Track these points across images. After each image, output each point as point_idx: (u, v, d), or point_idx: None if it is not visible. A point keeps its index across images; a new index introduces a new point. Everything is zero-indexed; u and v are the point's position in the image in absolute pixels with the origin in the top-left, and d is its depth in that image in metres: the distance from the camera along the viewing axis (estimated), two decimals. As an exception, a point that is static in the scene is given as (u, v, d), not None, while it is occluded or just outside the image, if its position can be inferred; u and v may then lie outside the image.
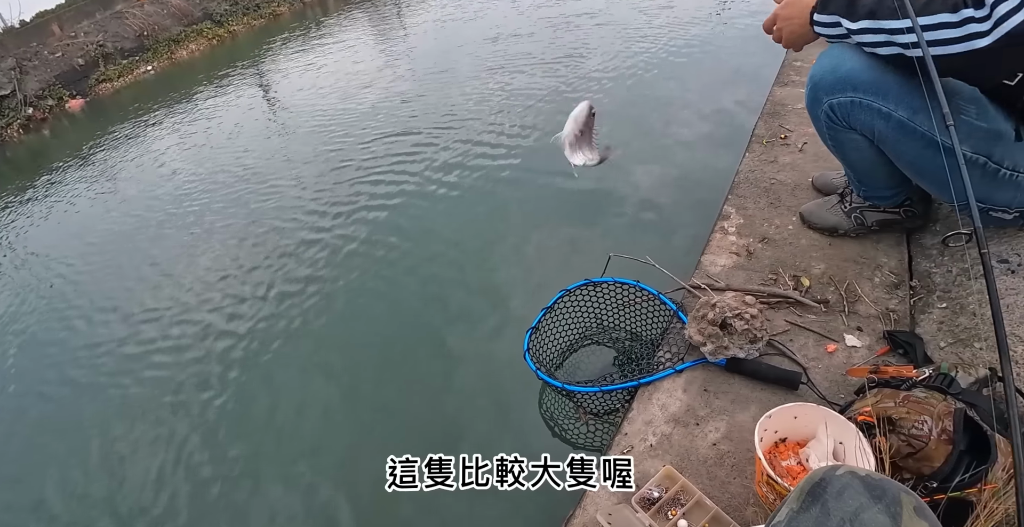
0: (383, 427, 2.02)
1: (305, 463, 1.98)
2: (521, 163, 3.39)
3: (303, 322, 2.55)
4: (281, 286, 2.82)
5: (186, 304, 2.93)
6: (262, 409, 2.21)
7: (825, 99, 1.59)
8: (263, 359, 2.42)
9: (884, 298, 1.72)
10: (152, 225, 3.85)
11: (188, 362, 2.55)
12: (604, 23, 5.69)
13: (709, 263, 1.93)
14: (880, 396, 1.26)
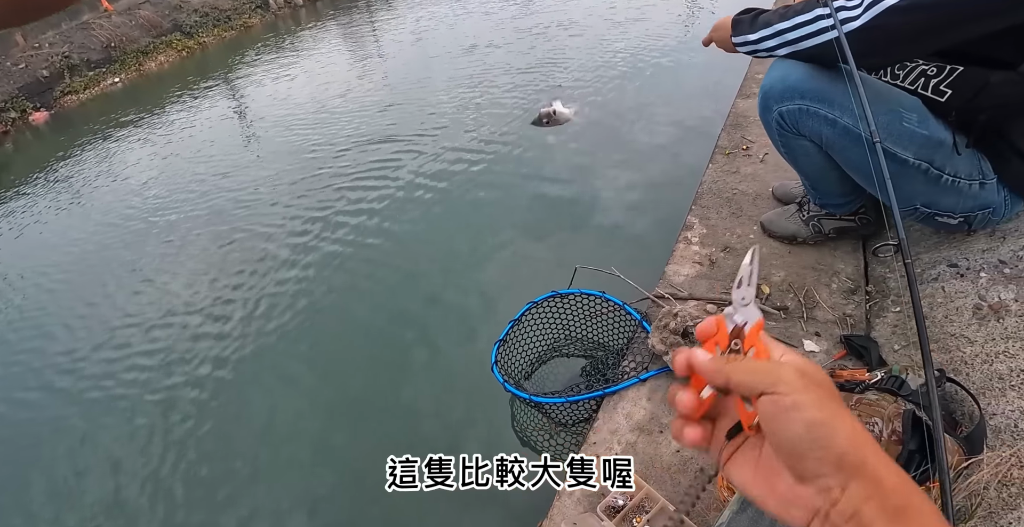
0: (349, 441, 2.01)
1: (275, 474, 1.95)
2: (488, 177, 3.41)
3: (274, 336, 2.53)
4: (255, 298, 2.79)
5: (165, 311, 2.89)
6: (233, 417, 2.18)
7: (775, 107, 1.65)
8: (236, 370, 2.39)
9: (841, 303, 1.76)
10: (124, 237, 3.77)
11: (163, 373, 2.50)
12: (578, 34, 5.79)
13: (673, 273, 1.96)
14: (835, 400, 1.29)
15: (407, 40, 7.23)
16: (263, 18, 10.31)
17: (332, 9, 10.07)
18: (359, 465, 1.90)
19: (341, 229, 3.18)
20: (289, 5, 10.71)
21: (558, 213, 2.93)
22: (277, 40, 8.63)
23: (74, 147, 5.93)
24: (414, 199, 3.33)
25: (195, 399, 2.31)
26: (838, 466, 0.34)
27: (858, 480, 0.34)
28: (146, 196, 4.29)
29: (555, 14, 6.71)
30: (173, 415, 2.27)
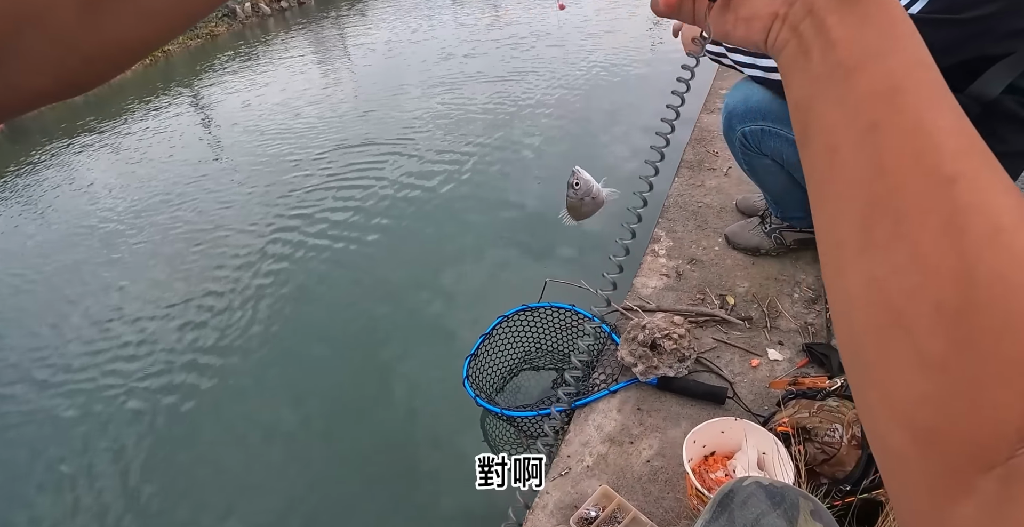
0: (320, 455, 1.98)
1: (244, 487, 1.92)
2: (457, 190, 3.43)
3: (238, 351, 2.49)
4: (222, 310, 2.75)
5: (131, 321, 2.82)
6: (200, 438, 2.14)
7: (738, 127, 1.71)
8: (206, 382, 2.35)
9: (803, 313, 1.82)
10: (81, 251, 3.68)
11: (131, 381, 2.44)
12: (555, 44, 5.88)
13: (641, 285, 2.00)
14: (798, 407, 1.33)
15: (377, 51, 7.26)
16: (230, 26, 10.22)
17: (302, 18, 10.07)
18: (327, 483, 1.88)
19: (306, 242, 3.16)
20: (257, 14, 10.66)
21: (527, 226, 2.96)
22: (245, 49, 8.56)
23: (31, 157, 5.74)
24: (383, 212, 3.33)
25: (162, 408, 2.26)
26: None
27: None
28: (108, 206, 4.18)
29: (526, 26, 6.83)
30: (141, 423, 2.22)
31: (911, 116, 0.28)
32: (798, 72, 0.33)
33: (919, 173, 0.27)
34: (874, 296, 0.27)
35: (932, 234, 0.26)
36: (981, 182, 0.26)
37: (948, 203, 0.25)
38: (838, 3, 0.31)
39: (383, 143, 4.32)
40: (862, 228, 0.28)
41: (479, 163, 3.73)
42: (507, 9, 7.77)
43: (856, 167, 0.29)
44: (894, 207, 0.27)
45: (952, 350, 0.24)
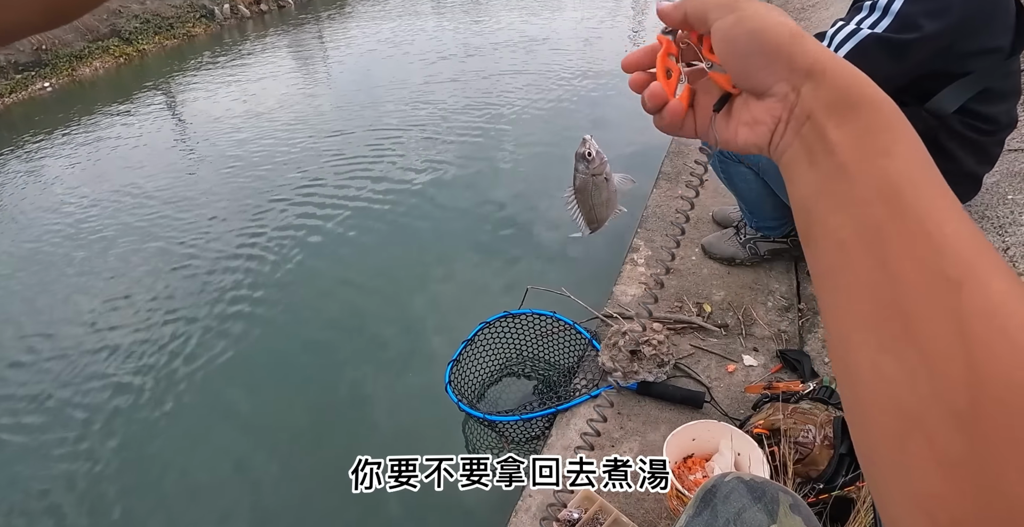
0: (303, 463, 1.97)
1: (224, 499, 1.89)
2: (439, 198, 3.44)
3: (218, 356, 2.45)
4: (196, 318, 2.71)
5: (88, 338, 2.75)
6: (170, 448, 2.10)
7: None
8: (170, 397, 2.30)
9: (776, 320, 1.87)
10: (49, 252, 3.58)
11: (93, 395, 2.38)
12: (529, 53, 5.95)
13: (620, 293, 2.04)
14: (773, 410, 1.38)
15: (357, 57, 7.24)
16: (208, 28, 10.08)
17: (281, 23, 10.00)
18: (309, 486, 1.87)
19: (287, 247, 3.13)
20: (236, 16, 10.56)
21: (509, 235, 2.99)
22: (222, 51, 8.46)
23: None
24: (364, 218, 3.31)
25: (128, 422, 2.21)
26: (789, 68, 0.34)
27: (810, 81, 0.34)
28: (73, 209, 4.07)
29: (506, 32, 6.91)
30: (104, 438, 2.16)
31: (912, 219, 0.28)
32: (801, 173, 0.34)
33: (925, 278, 0.27)
34: (886, 397, 0.28)
35: (942, 340, 0.26)
36: (986, 285, 0.26)
37: (955, 308, 0.26)
38: (835, 108, 0.32)
39: (361, 147, 4.31)
40: (871, 327, 0.29)
41: (459, 169, 3.75)
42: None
43: (863, 268, 0.29)
44: (902, 311, 0.27)
45: (970, 452, 0.25)
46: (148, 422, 2.20)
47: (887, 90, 0.32)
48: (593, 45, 6.26)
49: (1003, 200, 2.01)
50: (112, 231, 3.66)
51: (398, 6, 10.08)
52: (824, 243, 0.32)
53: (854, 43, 1.32)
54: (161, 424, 2.18)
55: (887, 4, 1.28)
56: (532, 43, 6.62)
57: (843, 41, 1.34)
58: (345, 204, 3.52)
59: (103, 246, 3.49)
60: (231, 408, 2.23)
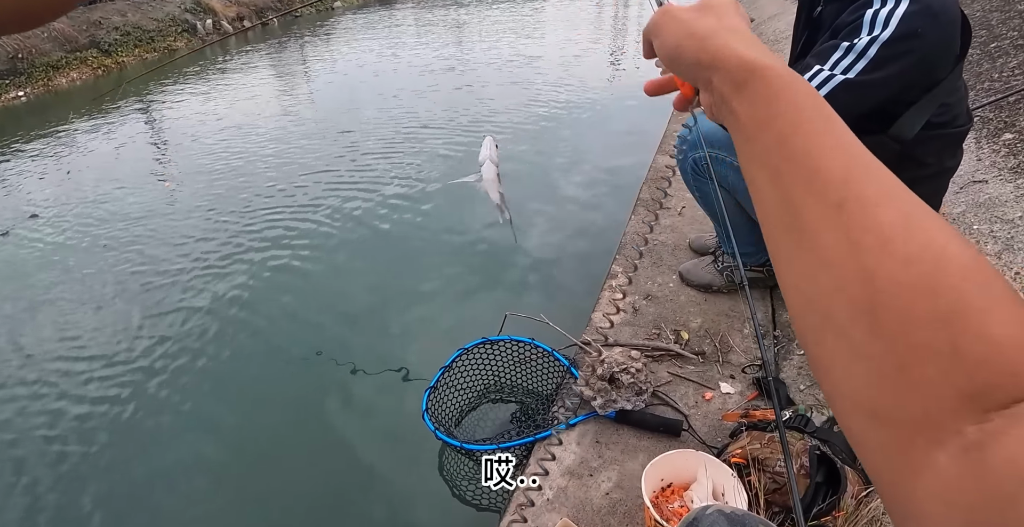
0: (273, 490, 1.91)
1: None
2: (417, 220, 3.44)
3: (184, 380, 2.39)
4: (164, 337, 2.64)
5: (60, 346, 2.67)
6: (141, 468, 2.02)
7: (689, 154, 1.83)
8: (140, 419, 2.24)
9: (753, 347, 1.89)
10: (12, 264, 3.48)
11: (56, 411, 2.30)
12: (507, 81, 6.03)
13: (599, 320, 2.05)
14: (750, 438, 1.38)
15: (339, 77, 7.28)
16: (189, 42, 10.09)
17: (263, 40, 10.04)
18: (278, 516, 1.81)
19: (259, 270, 3.09)
20: (218, 31, 10.57)
21: (488, 261, 2.99)
22: (203, 66, 8.44)
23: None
24: (340, 243, 3.29)
25: (91, 439, 2.14)
26: (701, 68, 0.44)
27: (715, 72, 0.43)
28: (40, 221, 3.99)
29: (492, 52, 7.01)
30: (70, 453, 2.09)
31: (800, 158, 0.35)
32: (735, 140, 0.42)
33: (814, 200, 0.34)
34: (805, 301, 0.34)
35: (833, 247, 0.32)
36: (865, 202, 0.32)
37: (840, 226, 0.32)
38: (734, 87, 0.41)
39: (338, 166, 4.30)
40: (786, 244, 0.36)
41: (435, 192, 3.76)
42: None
43: (773, 202, 0.37)
44: (799, 227, 0.34)
45: (874, 340, 0.29)
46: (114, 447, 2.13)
47: (849, 120, 0.38)
48: (575, 67, 6.38)
49: (968, 230, 2.08)
50: (85, 244, 3.58)
51: (382, 28, 10.19)
52: (753, 192, 0.40)
53: (827, 90, 1.38)
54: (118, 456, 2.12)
55: (864, 48, 1.34)
56: (518, 64, 6.73)
57: (817, 88, 1.39)
58: (320, 224, 3.50)
59: (76, 260, 3.41)
60: (202, 428, 2.17)
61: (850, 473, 1.25)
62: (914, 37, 1.29)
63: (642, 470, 1.35)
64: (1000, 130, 2.53)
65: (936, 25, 1.29)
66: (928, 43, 1.30)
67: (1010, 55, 3.03)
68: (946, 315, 0.27)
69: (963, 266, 0.29)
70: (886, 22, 1.31)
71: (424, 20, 11.14)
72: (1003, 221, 2.03)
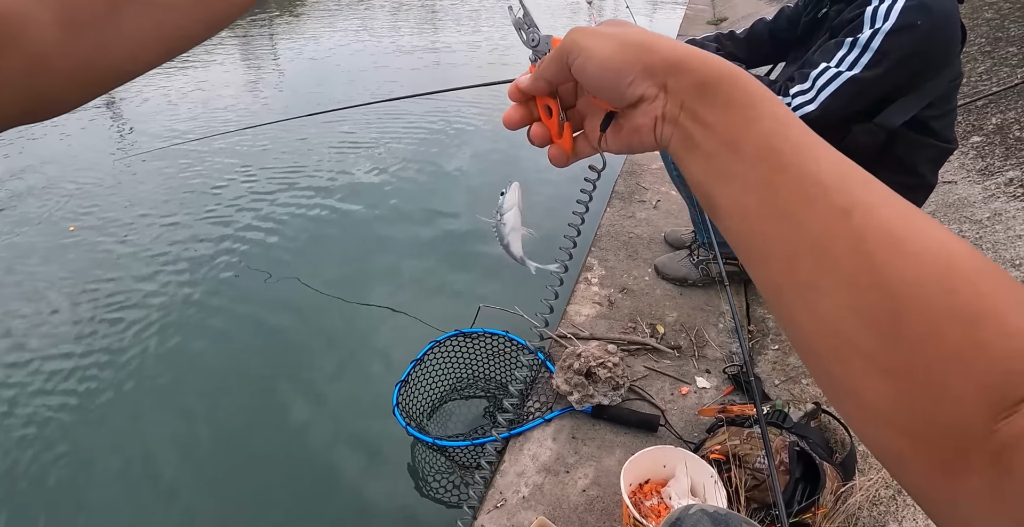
0: (239, 487, 1.83)
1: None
2: (388, 210, 3.36)
3: (152, 377, 2.28)
4: (118, 321, 2.52)
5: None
6: (102, 469, 1.93)
7: None
8: (91, 406, 2.13)
9: (727, 342, 1.89)
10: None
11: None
12: (480, 68, 5.94)
13: (574, 313, 2.02)
14: (728, 434, 1.37)
15: (308, 62, 7.08)
16: None
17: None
18: (243, 514, 1.74)
19: (220, 255, 2.97)
20: None
21: (460, 252, 2.93)
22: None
23: None
24: (304, 231, 3.19)
25: (36, 440, 2.03)
26: (648, 74, 0.37)
27: (671, 76, 0.37)
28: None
29: (464, 43, 6.90)
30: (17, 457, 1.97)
31: (794, 167, 0.32)
32: (688, 155, 0.37)
33: (819, 212, 0.31)
34: (819, 324, 0.30)
35: (847, 261, 0.29)
36: (870, 206, 0.30)
37: (850, 231, 0.29)
38: (701, 92, 0.36)
39: (306, 152, 4.19)
40: (790, 271, 0.32)
41: (409, 182, 3.68)
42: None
43: (768, 222, 0.33)
44: (809, 246, 0.31)
45: (898, 354, 0.27)
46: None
47: (847, 113, 0.34)
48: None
49: (937, 228, 2.10)
50: (34, 231, 3.40)
51: (354, 10, 9.98)
52: (729, 215, 0.35)
53: (835, 87, 1.43)
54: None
55: (867, 41, 1.40)
56: (487, 53, 6.64)
57: (825, 84, 1.45)
58: (286, 213, 3.39)
59: (21, 247, 3.23)
60: (161, 425, 2.07)
61: (828, 469, 1.25)
62: (913, 28, 1.35)
63: (619, 466, 1.33)
64: (969, 133, 2.58)
65: (932, 18, 1.35)
66: (925, 34, 1.36)
67: (978, 61, 3.10)
68: (966, 312, 0.26)
69: (971, 261, 0.28)
70: (886, 15, 1.37)
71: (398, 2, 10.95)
72: (971, 221, 2.07)
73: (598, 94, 0.42)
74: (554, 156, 0.48)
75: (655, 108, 0.38)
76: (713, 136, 0.35)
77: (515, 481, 1.46)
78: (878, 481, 1.26)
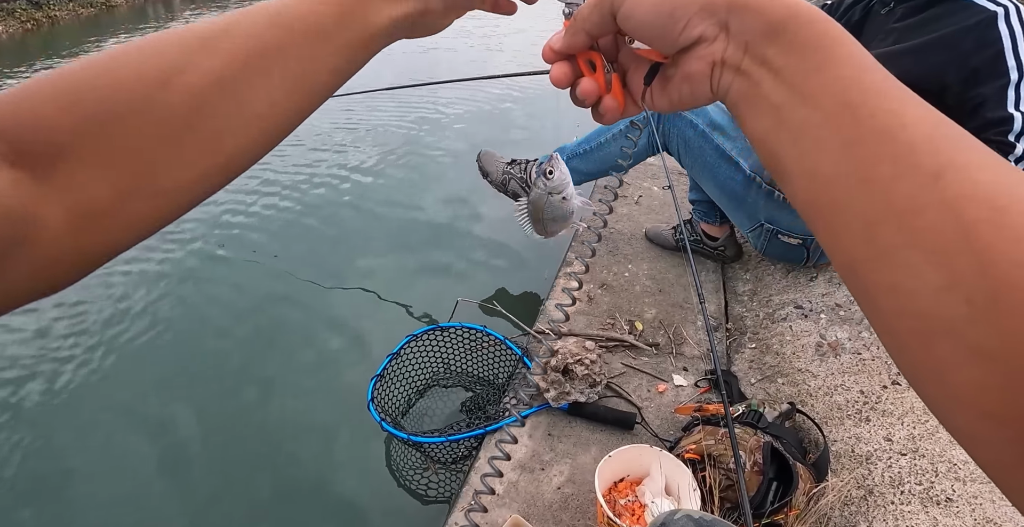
0: (210, 485, 1.80)
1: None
2: (363, 201, 3.30)
3: (112, 362, 2.22)
4: (80, 323, 2.46)
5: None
6: (64, 460, 1.87)
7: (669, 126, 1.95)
8: (63, 404, 2.07)
9: (705, 340, 1.89)
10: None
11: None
12: (464, 61, 5.88)
13: (553, 308, 2.00)
14: (703, 433, 1.37)
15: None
16: (130, 0, 9.44)
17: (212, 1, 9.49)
18: (214, 512, 1.71)
19: (185, 246, 2.90)
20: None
21: (438, 245, 2.90)
22: (143, 26, 7.90)
23: None
24: (276, 221, 3.13)
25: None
26: (708, 11, 0.33)
27: (733, 15, 0.33)
28: None
29: (447, 36, 6.82)
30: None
31: (875, 122, 0.28)
32: (752, 106, 0.33)
33: (905, 175, 0.27)
34: (903, 304, 0.27)
35: (939, 231, 0.26)
36: (965, 169, 0.26)
37: (941, 198, 0.26)
38: (769, 33, 0.32)
39: (286, 141, 4.11)
40: (869, 241, 0.28)
41: (387, 170, 3.63)
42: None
43: (843, 185, 0.29)
44: (893, 214, 0.27)
45: (996, 339, 0.24)
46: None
47: None
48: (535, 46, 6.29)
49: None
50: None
51: None
52: (798, 176, 0.31)
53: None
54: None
55: None
56: (470, 43, 6.58)
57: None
58: (257, 206, 3.31)
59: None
60: (126, 418, 2.02)
61: (801, 470, 1.25)
62: None
63: (595, 464, 1.33)
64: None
65: None
66: None
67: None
68: None
69: None
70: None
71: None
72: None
73: (648, 40, 0.37)
74: (608, 108, 0.43)
75: (713, 51, 0.34)
76: (783, 83, 0.32)
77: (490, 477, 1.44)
78: (850, 482, 1.27)
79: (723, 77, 0.35)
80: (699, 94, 0.37)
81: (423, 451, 1.70)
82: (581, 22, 0.39)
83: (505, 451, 0.95)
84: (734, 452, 1.18)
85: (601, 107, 0.43)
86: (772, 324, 1.87)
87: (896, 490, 1.23)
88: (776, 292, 1.99)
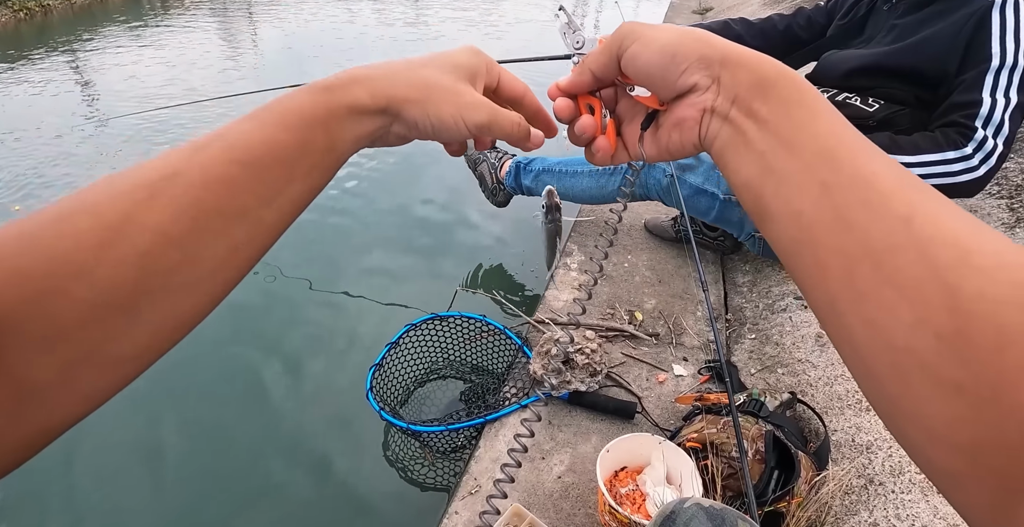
0: (210, 473, 1.79)
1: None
2: (362, 191, 3.29)
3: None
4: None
5: None
6: (62, 458, 1.86)
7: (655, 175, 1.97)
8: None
9: (705, 330, 1.89)
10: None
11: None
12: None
13: (552, 298, 2.00)
14: (705, 422, 1.36)
15: (287, 36, 6.90)
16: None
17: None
18: (215, 502, 1.70)
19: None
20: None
21: (438, 234, 2.89)
22: (139, 18, 7.79)
23: None
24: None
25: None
26: (704, 64, 0.37)
27: (725, 69, 0.37)
28: None
29: (443, 26, 6.77)
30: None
31: (850, 170, 0.31)
32: (738, 153, 0.36)
33: (878, 218, 0.29)
34: (878, 339, 0.29)
35: (910, 271, 0.28)
36: (933, 214, 0.28)
37: (913, 240, 0.28)
38: (757, 88, 0.35)
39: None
40: (847, 280, 0.30)
41: (385, 164, 3.60)
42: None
43: (823, 226, 0.31)
44: (868, 254, 0.29)
45: (965, 372, 0.25)
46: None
47: None
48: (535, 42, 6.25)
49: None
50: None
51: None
52: (781, 218, 0.33)
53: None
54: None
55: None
56: (467, 35, 6.53)
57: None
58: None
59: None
60: (127, 410, 2.00)
61: (803, 458, 1.25)
62: None
63: (595, 453, 1.32)
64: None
65: None
66: None
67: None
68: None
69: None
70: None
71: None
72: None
73: (648, 82, 0.41)
74: (600, 148, 0.47)
75: (704, 100, 0.38)
76: (768, 133, 0.34)
77: (490, 467, 1.44)
78: (851, 471, 1.27)
79: (711, 125, 0.38)
80: (687, 141, 0.40)
81: (422, 441, 1.69)
82: (589, 63, 0.43)
83: (523, 443, 0.94)
84: (738, 440, 1.17)
85: (594, 146, 0.47)
86: (772, 315, 1.87)
87: (896, 479, 1.23)
88: (775, 283, 1.99)
